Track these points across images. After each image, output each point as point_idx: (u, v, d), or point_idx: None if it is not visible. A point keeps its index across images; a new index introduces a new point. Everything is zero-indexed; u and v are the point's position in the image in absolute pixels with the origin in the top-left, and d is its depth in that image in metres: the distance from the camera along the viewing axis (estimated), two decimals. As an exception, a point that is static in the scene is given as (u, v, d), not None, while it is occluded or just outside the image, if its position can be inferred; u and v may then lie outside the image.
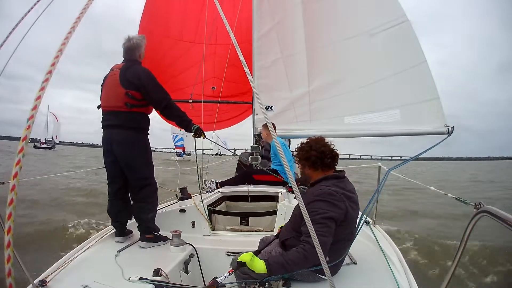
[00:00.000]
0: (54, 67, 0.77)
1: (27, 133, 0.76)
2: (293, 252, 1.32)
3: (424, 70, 2.57)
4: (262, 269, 1.33)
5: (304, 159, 1.53)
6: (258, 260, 1.37)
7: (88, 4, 0.86)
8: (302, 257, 1.27)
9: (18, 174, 0.75)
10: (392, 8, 2.70)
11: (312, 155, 1.49)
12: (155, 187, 2.22)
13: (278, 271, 1.32)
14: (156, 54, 4.71)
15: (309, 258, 1.26)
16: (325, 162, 1.48)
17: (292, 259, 1.30)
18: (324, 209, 1.32)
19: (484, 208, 0.95)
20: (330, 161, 1.48)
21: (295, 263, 1.29)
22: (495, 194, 10.75)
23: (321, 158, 1.48)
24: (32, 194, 7.25)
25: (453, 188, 12.06)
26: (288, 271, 1.34)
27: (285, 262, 1.30)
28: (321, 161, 1.48)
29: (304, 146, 1.55)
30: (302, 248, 1.29)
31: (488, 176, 20.85)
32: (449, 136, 2.42)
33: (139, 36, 2.20)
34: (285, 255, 1.34)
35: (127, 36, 2.15)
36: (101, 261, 1.80)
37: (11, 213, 0.75)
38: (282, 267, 1.31)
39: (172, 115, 2.20)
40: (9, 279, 0.79)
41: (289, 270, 1.32)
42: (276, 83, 3.36)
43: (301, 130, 3.27)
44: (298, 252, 1.29)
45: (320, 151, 1.48)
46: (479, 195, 10.34)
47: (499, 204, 6.38)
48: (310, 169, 1.53)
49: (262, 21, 3.33)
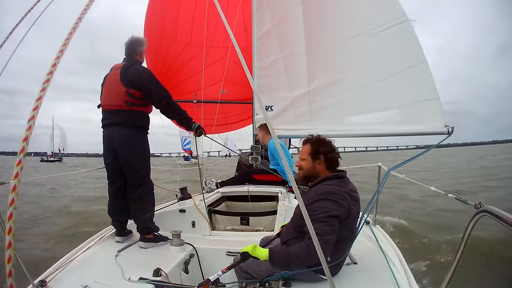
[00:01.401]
0: (55, 68, 0.77)
1: (28, 134, 0.76)
2: (297, 247, 1.32)
3: (424, 70, 2.57)
4: (265, 255, 1.35)
5: (314, 154, 1.53)
6: (260, 248, 1.39)
7: (81, 18, 0.86)
8: (305, 253, 1.28)
9: (19, 175, 0.75)
10: (392, 8, 2.70)
11: (327, 153, 1.51)
12: (151, 187, 2.23)
13: (279, 260, 1.34)
14: (165, 58, 4.75)
15: (312, 255, 1.27)
16: (336, 162, 1.53)
17: (295, 253, 1.30)
18: (328, 208, 1.32)
19: (484, 208, 0.95)
20: (339, 160, 1.53)
21: (298, 257, 1.30)
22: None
23: (335, 158, 1.52)
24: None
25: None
26: (290, 265, 1.35)
27: (287, 253, 1.32)
28: (335, 160, 1.52)
29: (327, 143, 1.55)
30: (306, 244, 1.29)
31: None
32: (449, 136, 2.42)
33: (141, 37, 2.26)
34: (288, 248, 1.36)
35: (131, 36, 2.20)
36: (101, 261, 1.80)
37: (12, 213, 0.75)
38: (284, 258, 1.32)
39: (172, 114, 2.21)
40: (10, 279, 0.79)
41: (291, 263, 1.33)
42: (276, 83, 3.35)
43: (301, 130, 3.27)
44: (301, 248, 1.30)
45: (332, 148, 1.52)
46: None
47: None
48: (322, 166, 1.52)
49: (262, 21, 3.33)
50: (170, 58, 4.83)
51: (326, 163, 1.51)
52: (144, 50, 2.25)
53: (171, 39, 4.74)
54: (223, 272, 1.38)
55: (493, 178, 11.23)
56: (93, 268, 1.70)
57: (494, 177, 11.70)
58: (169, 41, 4.74)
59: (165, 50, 4.77)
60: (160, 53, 4.74)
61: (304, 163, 1.55)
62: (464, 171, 15.24)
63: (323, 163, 1.51)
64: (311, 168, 1.53)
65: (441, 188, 2.16)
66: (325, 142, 1.55)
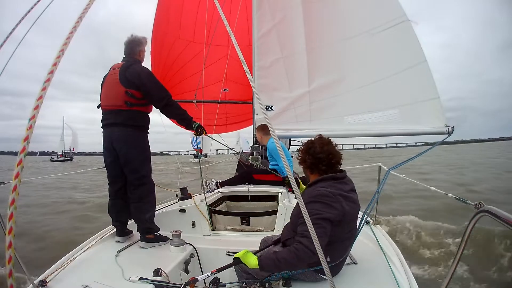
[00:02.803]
0: (56, 67, 0.77)
1: (28, 133, 0.76)
2: (285, 250, 1.33)
3: (424, 70, 2.57)
4: (254, 264, 1.35)
5: (302, 160, 1.53)
6: (251, 255, 1.40)
7: (81, 17, 0.86)
8: (293, 256, 1.27)
9: (19, 175, 0.75)
10: (392, 8, 2.70)
11: (307, 159, 1.49)
12: (152, 187, 2.22)
13: (269, 267, 1.34)
14: (168, 56, 4.75)
15: (301, 258, 1.26)
16: (320, 168, 1.47)
17: (284, 257, 1.30)
18: (319, 211, 1.32)
19: (484, 208, 0.95)
20: (325, 168, 1.46)
21: (287, 261, 1.29)
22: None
23: (315, 164, 1.47)
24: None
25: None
26: (281, 269, 1.35)
27: (276, 259, 1.31)
28: (315, 166, 1.48)
29: (304, 148, 1.54)
30: (294, 247, 1.29)
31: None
32: (449, 136, 2.42)
33: (141, 36, 2.23)
34: (277, 253, 1.35)
35: (130, 35, 2.19)
36: (101, 261, 1.80)
37: (12, 214, 0.75)
38: (273, 264, 1.32)
39: (172, 113, 2.21)
40: (10, 279, 0.79)
41: (281, 268, 1.33)
42: (276, 83, 3.36)
43: (301, 130, 3.27)
44: (289, 251, 1.30)
45: (317, 157, 1.46)
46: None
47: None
48: (307, 170, 1.54)
49: (262, 20, 3.33)
50: (173, 55, 4.84)
51: (309, 169, 1.51)
52: (143, 50, 2.25)
53: (175, 36, 4.75)
54: (212, 273, 1.38)
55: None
56: (93, 268, 1.70)
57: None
58: (174, 38, 4.75)
59: (168, 47, 4.78)
60: (163, 50, 4.75)
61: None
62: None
63: (305, 169, 1.54)
64: (304, 172, 1.59)
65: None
66: (303, 148, 1.55)
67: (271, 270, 1.36)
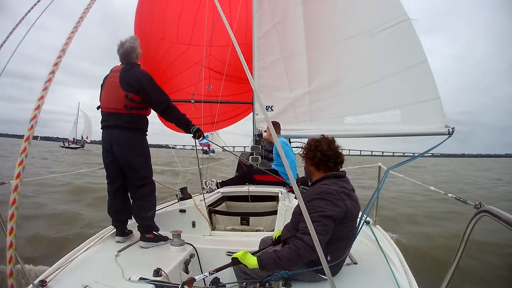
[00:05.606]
0: (57, 67, 0.77)
1: (29, 134, 0.76)
2: (286, 248, 1.33)
3: (425, 70, 2.57)
4: (254, 264, 1.35)
5: (308, 157, 1.54)
6: (250, 255, 1.40)
7: (91, 4, 0.86)
8: (294, 253, 1.27)
9: (20, 175, 0.75)
10: (393, 7, 2.69)
11: (316, 156, 1.50)
12: (153, 187, 2.24)
13: (269, 266, 1.34)
14: (153, 57, 4.73)
15: (301, 255, 1.26)
16: (327, 165, 1.49)
17: (284, 255, 1.30)
18: (322, 208, 1.32)
19: (484, 208, 0.94)
20: (332, 165, 1.49)
21: (288, 259, 1.29)
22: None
23: (324, 161, 1.49)
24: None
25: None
26: (282, 267, 1.35)
27: (277, 257, 1.31)
28: (323, 163, 1.49)
29: (311, 145, 1.55)
30: (294, 245, 1.29)
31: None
32: (449, 137, 2.42)
33: (131, 39, 2.14)
34: (278, 251, 1.35)
35: (120, 42, 2.13)
36: (101, 261, 1.80)
37: (13, 214, 0.75)
38: (273, 262, 1.32)
39: (171, 117, 2.20)
40: (11, 279, 0.79)
41: (282, 266, 1.33)
42: (276, 83, 3.36)
43: (301, 130, 3.28)
44: (290, 249, 1.30)
45: (326, 154, 1.49)
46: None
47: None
48: (312, 168, 1.54)
49: (262, 21, 3.33)
50: (158, 55, 4.81)
51: (315, 166, 1.52)
52: (140, 52, 2.20)
53: (158, 36, 4.71)
54: (210, 273, 1.38)
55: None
56: (93, 268, 1.69)
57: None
58: (156, 39, 4.70)
59: (152, 47, 4.76)
60: (150, 51, 4.71)
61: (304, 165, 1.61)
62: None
63: (311, 166, 1.54)
64: (306, 169, 1.59)
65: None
66: (309, 145, 1.56)
67: (271, 268, 1.36)
